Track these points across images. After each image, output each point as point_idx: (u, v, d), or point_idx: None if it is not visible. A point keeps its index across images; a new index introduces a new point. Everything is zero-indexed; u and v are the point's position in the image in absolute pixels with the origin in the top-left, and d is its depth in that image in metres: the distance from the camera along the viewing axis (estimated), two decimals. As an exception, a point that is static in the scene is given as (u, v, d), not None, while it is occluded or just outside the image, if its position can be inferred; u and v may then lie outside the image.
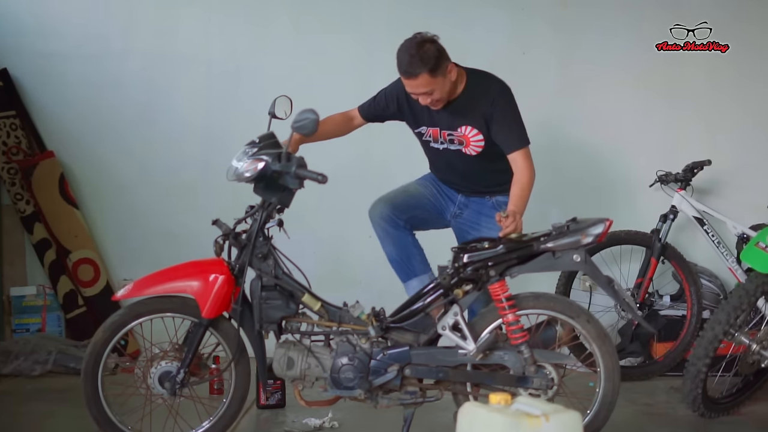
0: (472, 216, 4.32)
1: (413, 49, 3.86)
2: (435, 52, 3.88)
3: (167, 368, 3.76)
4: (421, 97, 3.99)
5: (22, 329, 5.75)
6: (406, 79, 3.95)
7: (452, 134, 4.15)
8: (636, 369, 5.31)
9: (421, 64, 3.84)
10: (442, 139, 4.19)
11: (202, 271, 3.71)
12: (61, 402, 4.77)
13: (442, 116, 4.14)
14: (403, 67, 3.91)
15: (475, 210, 4.33)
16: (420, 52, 3.84)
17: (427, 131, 4.22)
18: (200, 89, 5.84)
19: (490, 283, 3.67)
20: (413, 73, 3.88)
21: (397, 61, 3.92)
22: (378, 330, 3.72)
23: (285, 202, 3.75)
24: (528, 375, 3.67)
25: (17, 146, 5.76)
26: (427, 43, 3.88)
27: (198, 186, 5.75)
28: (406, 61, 3.88)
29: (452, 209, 4.37)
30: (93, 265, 5.77)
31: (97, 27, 5.85)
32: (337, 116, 4.36)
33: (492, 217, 4.03)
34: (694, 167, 5.36)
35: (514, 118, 4.11)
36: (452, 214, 4.38)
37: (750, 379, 4.60)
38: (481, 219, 4.28)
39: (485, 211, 4.28)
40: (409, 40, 3.91)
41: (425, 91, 3.94)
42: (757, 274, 4.24)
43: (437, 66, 3.88)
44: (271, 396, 4.62)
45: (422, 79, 3.88)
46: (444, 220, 4.40)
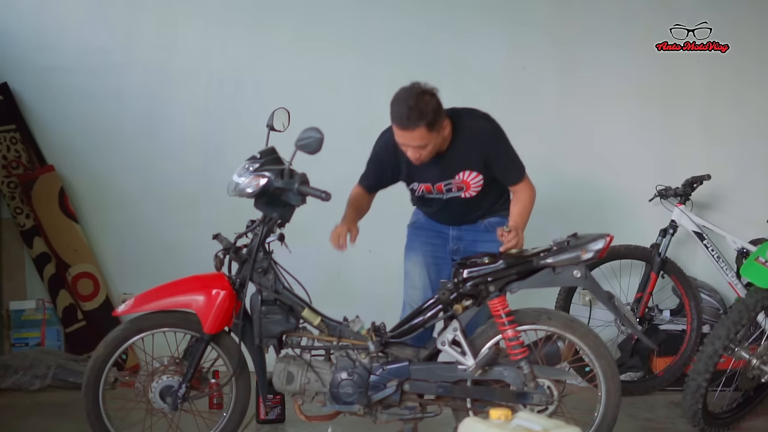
0: (470, 246, 4.17)
1: (412, 100, 3.64)
2: (434, 105, 3.67)
3: (168, 383, 3.76)
4: (411, 150, 3.77)
5: (22, 343, 5.73)
6: (400, 130, 3.71)
7: (450, 183, 3.98)
8: (636, 384, 5.31)
9: (420, 118, 3.62)
10: (437, 191, 4.02)
11: (203, 286, 3.72)
12: (60, 416, 4.75)
13: (433, 170, 3.94)
14: (399, 118, 3.67)
15: (471, 239, 4.19)
16: (419, 105, 3.62)
17: (419, 187, 4.04)
18: (200, 102, 5.85)
19: (490, 299, 3.67)
20: (410, 126, 3.65)
21: (393, 110, 3.70)
22: (378, 345, 3.72)
23: (286, 217, 3.76)
24: (528, 391, 3.66)
25: (17, 160, 5.76)
26: (426, 95, 3.67)
27: (198, 199, 5.75)
28: (404, 112, 3.64)
29: (449, 247, 4.22)
30: (93, 279, 5.76)
31: (96, 41, 5.87)
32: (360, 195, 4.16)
33: (487, 240, 4.03)
34: (694, 182, 5.36)
35: (511, 153, 3.99)
36: (451, 251, 4.22)
37: (750, 394, 4.59)
38: (477, 246, 4.11)
39: (480, 237, 4.16)
40: (407, 90, 3.70)
41: (418, 144, 3.72)
42: (757, 289, 4.23)
43: (435, 120, 3.68)
44: (271, 410, 4.61)
45: (418, 132, 3.66)
46: (449, 264, 4.19)
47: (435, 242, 4.22)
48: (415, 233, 4.30)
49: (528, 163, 3.91)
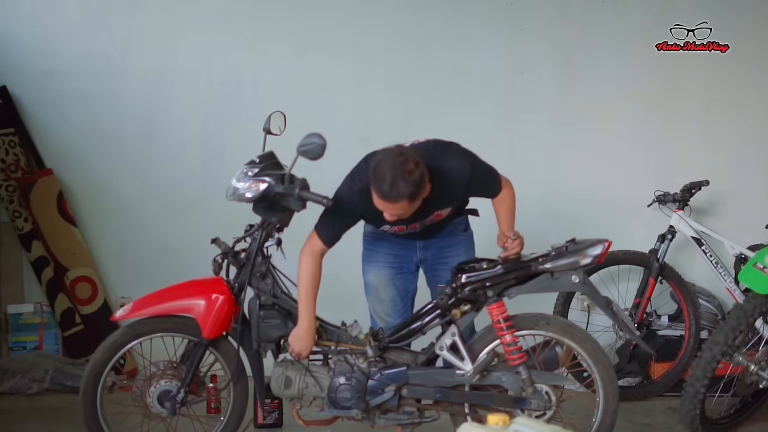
0: (438, 253, 4.04)
1: (397, 170, 3.38)
2: (419, 177, 3.41)
3: (167, 387, 3.76)
4: (389, 213, 3.57)
5: (19, 347, 5.73)
6: (381, 200, 3.48)
7: (424, 221, 3.81)
8: (634, 389, 5.30)
9: (404, 193, 3.41)
10: (410, 229, 3.85)
11: (202, 290, 3.72)
12: (57, 420, 4.74)
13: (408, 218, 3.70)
14: (380, 191, 3.44)
15: (437, 246, 4.04)
16: (405, 177, 3.38)
17: (391, 228, 3.84)
18: (199, 106, 5.85)
19: (488, 304, 3.67)
20: (392, 199, 3.43)
21: (374, 178, 3.45)
22: (376, 350, 3.72)
23: (285, 221, 3.76)
24: (526, 396, 3.66)
25: (16, 164, 5.76)
26: (411, 165, 3.40)
27: (197, 203, 5.75)
28: (387, 185, 3.40)
29: (416, 257, 4.07)
30: (91, 282, 5.76)
31: (96, 44, 5.87)
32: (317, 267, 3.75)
33: (455, 243, 4.02)
34: (692, 187, 5.36)
35: (487, 175, 3.83)
36: (418, 260, 4.08)
37: (748, 400, 4.59)
38: (445, 251, 4.03)
39: (446, 242, 4.03)
40: (393, 158, 3.43)
41: (398, 213, 3.54)
42: (755, 295, 4.23)
43: (418, 192, 3.46)
44: (269, 415, 4.61)
45: (400, 204, 3.46)
46: (414, 273, 4.12)
47: (399, 253, 4.05)
48: (375, 243, 4.10)
49: (526, 167, 3.92)
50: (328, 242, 3.72)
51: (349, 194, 3.70)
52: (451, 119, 5.68)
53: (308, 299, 3.70)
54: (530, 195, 5.45)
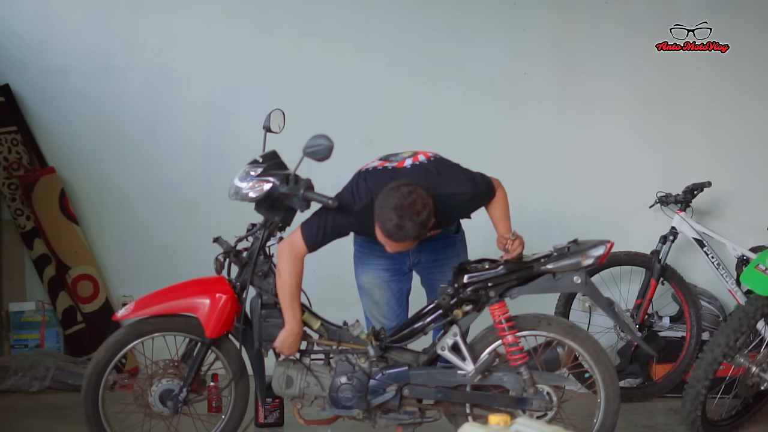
0: (431, 255, 4.00)
1: (405, 212, 3.35)
2: (425, 219, 3.40)
3: (168, 386, 3.77)
4: (392, 249, 3.58)
5: (21, 345, 5.73)
6: (386, 238, 3.47)
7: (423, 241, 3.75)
8: (635, 390, 5.30)
9: (411, 235, 3.41)
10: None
11: (205, 290, 3.72)
12: (59, 418, 4.75)
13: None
14: (388, 230, 3.41)
15: (431, 249, 3.99)
16: (413, 219, 3.36)
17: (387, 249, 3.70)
18: (201, 105, 5.85)
19: (490, 304, 3.67)
20: (398, 240, 3.44)
21: (381, 214, 3.41)
22: (377, 350, 3.72)
23: (287, 221, 3.76)
24: (527, 396, 3.66)
25: (18, 162, 5.76)
26: (419, 206, 3.37)
27: (198, 202, 5.75)
28: (393, 227, 3.38)
29: (409, 260, 4.03)
30: (92, 281, 5.76)
31: (98, 43, 5.87)
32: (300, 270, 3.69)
33: (448, 246, 4.00)
34: (694, 189, 5.35)
35: (486, 191, 3.76)
36: (412, 263, 4.05)
37: (749, 402, 4.59)
38: (438, 253, 4.00)
39: (440, 244, 3.99)
40: (401, 198, 3.37)
41: (401, 249, 3.57)
42: (757, 297, 4.23)
43: (424, 233, 3.48)
44: (270, 414, 4.61)
45: (406, 243, 3.48)
46: (408, 276, 4.10)
47: (392, 256, 3.93)
48: (367, 246, 4.01)
49: (528, 167, 3.90)
50: (312, 246, 3.65)
51: (347, 211, 3.63)
52: (453, 119, 5.69)
53: (293, 300, 3.68)
54: (532, 195, 5.49)
